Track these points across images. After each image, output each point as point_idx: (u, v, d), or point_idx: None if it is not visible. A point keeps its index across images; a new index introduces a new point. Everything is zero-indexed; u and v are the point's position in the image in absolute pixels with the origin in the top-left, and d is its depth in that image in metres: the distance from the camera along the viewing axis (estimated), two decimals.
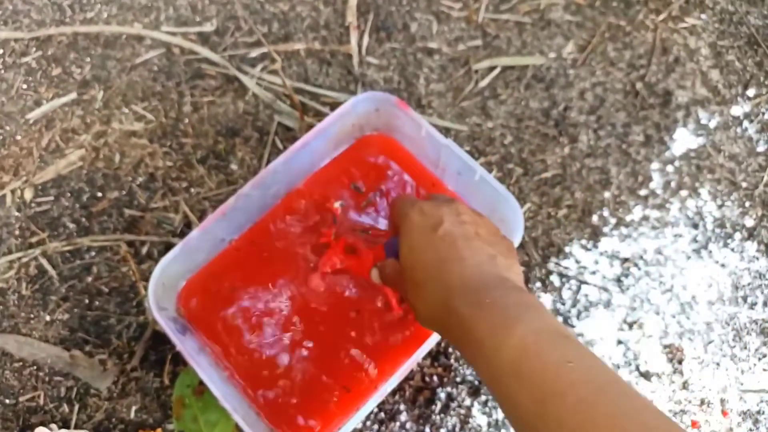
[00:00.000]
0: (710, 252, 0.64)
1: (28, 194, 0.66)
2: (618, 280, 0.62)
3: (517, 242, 0.52)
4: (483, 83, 0.71)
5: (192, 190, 0.66)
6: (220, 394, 0.48)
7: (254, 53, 0.72)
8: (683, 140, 0.69)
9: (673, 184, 0.67)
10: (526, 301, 0.37)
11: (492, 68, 0.72)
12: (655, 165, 0.68)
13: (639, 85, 0.71)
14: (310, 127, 0.66)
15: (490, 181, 0.55)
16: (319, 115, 0.69)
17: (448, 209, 0.44)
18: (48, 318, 0.61)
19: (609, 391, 0.31)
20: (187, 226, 0.64)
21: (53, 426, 0.55)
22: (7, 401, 0.57)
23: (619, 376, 0.32)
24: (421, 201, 0.46)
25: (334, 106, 0.70)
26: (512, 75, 0.72)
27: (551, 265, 0.62)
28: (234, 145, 0.68)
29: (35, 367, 0.59)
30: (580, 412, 0.30)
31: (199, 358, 0.51)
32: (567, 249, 0.63)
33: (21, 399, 0.57)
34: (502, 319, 0.35)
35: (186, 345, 0.50)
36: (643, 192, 0.67)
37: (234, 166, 0.67)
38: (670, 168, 0.68)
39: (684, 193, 0.67)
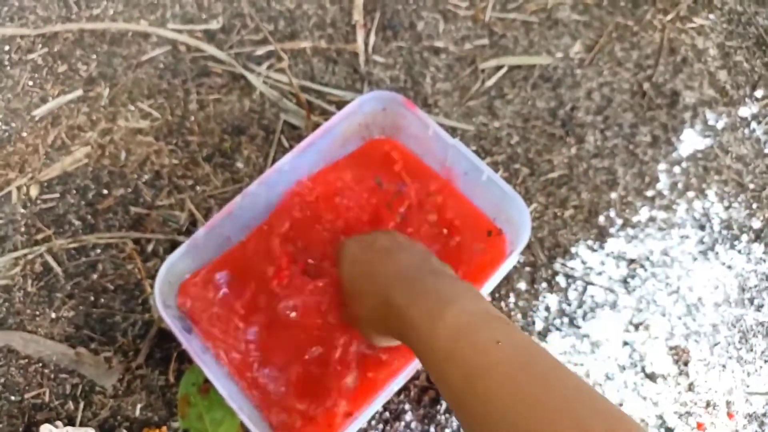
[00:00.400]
0: (717, 254, 0.64)
1: (34, 191, 0.66)
2: (624, 282, 0.62)
3: (523, 243, 0.52)
4: (489, 82, 0.71)
5: (198, 188, 0.66)
6: (226, 393, 0.48)
7: (260, 51, 0.72)
8: (690, 141, 0.68)
9: (680, 186, 0.67)
10: (459, 286, 0.39)
11: (499, 67, 0.71)
12: (662, 166, 0.68)
13: (646, 86, 0.71)
14: (317, 125, 0.66)
15: (498, 181, 0.54)
16: (325, 114, 0.69)
17: (383, 233, 0.48)
18: (53, 315, 0.61)
19: (534, 367, 0.32)
20: (193, 224, 0.64)
21: (58, 423, 0.55)
22: (13, 398, 0.58)
23: (547, 354, 0.34)
24: (357, 236, 0.51)
25: (340, 104, 0.70)
26: (519, 74, 0.71)
27: (557, 266, 0.62)
28: (240, 144, 0.68)
29: (41, 364, 0.59)
30: (506, 387, 0.31)
31: (204, 356, 0.51)
32: (573, 250, 0.63)
33: (26, 396, 0.58)
34: (436, 304, 0.37)
35: (192, 343, 0.50)
36: (650, 193, 0.66)
37: (240, 165, 0.67)
38: (677, 169, 0.68)
39: (691, 194, 0.66)
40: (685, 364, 0.60)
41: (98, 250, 0.64)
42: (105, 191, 0.66)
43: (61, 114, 0.70)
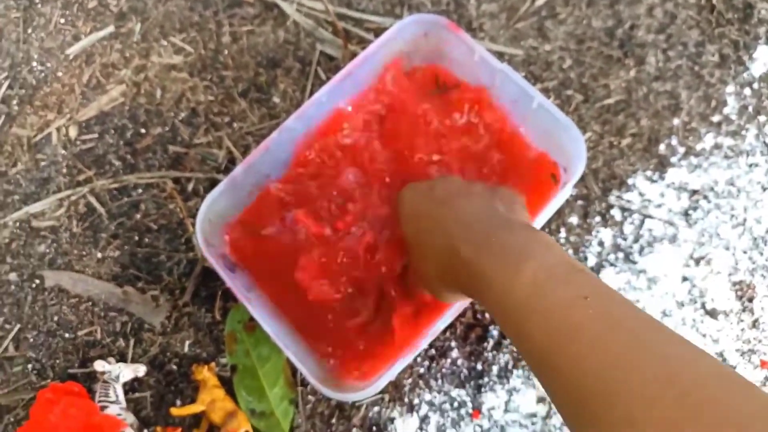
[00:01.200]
0: None
1: (73, 132, 0.66)
2: (685, 214, 0.58)
3: (578, 174, 0.48)
4: (540, 1, 0.65)
5: (234, 124, 0.64)
6: (271, 331, 0.47)
7: None
8: (765, 59, 0.62)
9: (750, 109, 0.61)
10: (535, 236, 0.36)
11: None
12: (730, 88, 0.62)
13: None
14: (354, 55, 0.63)
15: (550, 108, 0.51)
16: (363, 43, 0.65)
17: (440, 181, 0.45)
18: (99, 255, 0.61)
19: (627, 324, 0.29)
20: (231, 162, 0.63)
21: (111, 359, 0.56)
22: (67, 335, 0.59)
23: (637, 308, 0.30)
24: (415, 183, 0.48)
25: (378, 32, 0.66)
26: None
27: (612, 199, 0.59)
28: (275, 77, 0.66)
29: (90, 303, 0.60)
30: (598, 347, 0.28)
31: (249, 294, 0.50)
32: (630, 181, 0.59)
33: (79, 333, 0.59)
34: (511, 257, 0.34)
35: (235, 282, 0.49)
36: (716, 118, 0.61)
37: (276, 99, 0.65)
38: (747, 91, 0.62)
39: (762, 118, 0.61)
40: (750, 300, 0.56)
41: (140, 190, 0.63)
42: (143, 130, 0.65)
43: (94, 52, 0.69)
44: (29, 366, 0.58)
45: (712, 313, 0.56)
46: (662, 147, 0.60)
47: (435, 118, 0.55)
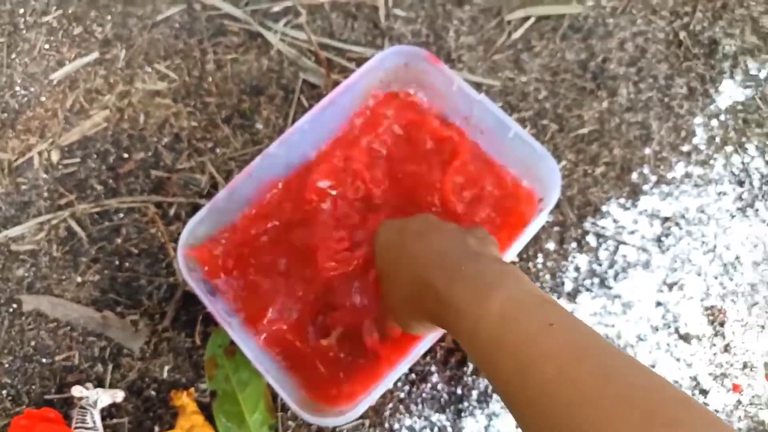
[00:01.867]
0: (756, 210, 0.61)
1: (55, 156, 0.66)
2: (658, 240, 0.60)
3: (553, 202, 0.50)
4: (516, 35, 0.67)
5: (218, 150, 0.65)
6: (251, 355, 0.47)
7: (277, 7, 0.70)
8: (730, 92, 0.65)
9: (717, 139, 0.64)
10: (505, 269, 0.37)
11: (526, 18, 0.68)
12: (698, 119, 0.64)
13: (683, 34, 0.67)
14: (336, 83, 0.64)
15: (526, 138, 0.52)
16: (345, 72, 0.67)
17: (415, 219, 0.46)
18: (79, 279, 0.61)
19: (592, 353, 0.30)
20: (214, 187, 0.63)
21: (89, 385, 0.55)
22: (44, 360, 0.58)
23: (602, 339, 0.31)
24: (393, 220, 0.48)
25: (360, 61, 0.67)
26: (547, 25, 0.68)
27: (587, 225, 0.60)
28: (259, 104, 0.67)
29: (69, 328, 0.59)
30: (562, 377, 0.28)
31: (230, 319, 0.50)
32: (604, 208, 0.61)
33: (57, 358, 0.58)
34: (480, 289, 0.35)
35: (216, 306, 0.50)
36: (685, 148, 0.63)
37: (259, 126, 0.66)
38: (714, 122, 0.64)
39: (729, 148, 0.63)
40: (721, 324, 0.58)
41: (121, 214, 0.63)
42: (125, 155, 0.66)
43: (78, 77, 0.69)
44: (3, 392, 0.58)
45: (686, 338, 0.57)
46: (635, 175, 0.62)
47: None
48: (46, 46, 0.71)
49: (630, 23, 0.68)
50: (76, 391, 0.52)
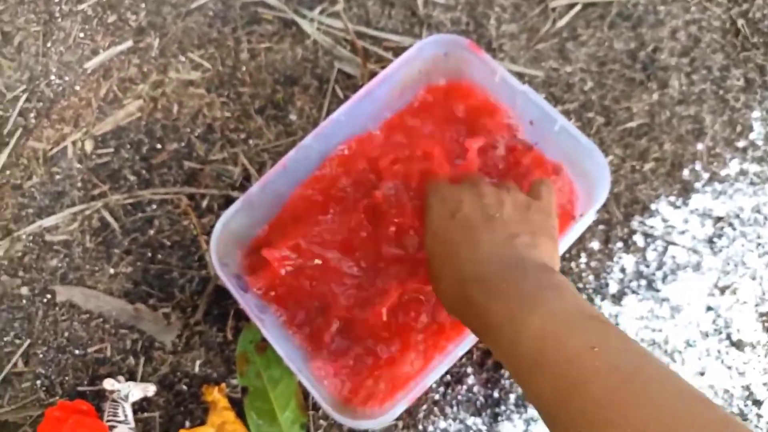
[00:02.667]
0: None
1: (89, 146, 0.66)
2: (710, 241, 0.57)
3: (602, 200, 0.47)
4: (561, 23, 0.64)
5: (251, 141, 0.64)
6: (283, 353, 0.46)
7: None
8: None
9: None
10: (547, 281, 0.35)
11: (571, 5, 0.65)
12: (756, 113, 0.60)
13: (741, 22, 0.63)
14: (373, 74, 0.62)
15: (572, 131, 0.50)
16: (382, 61, 0.65)
17: (470, 192, 0.43)
18: (112, 271, 0.61)
19: (637, 376, 0.28)
20: (247, 179, 0.62)
21: (120, 378, 0.55)
22: (77, 352, 0.58)
23: (651, 357, 0.29)
24: (444, 185, 0.45)
25: (397, 51, 0.65)
26: (594, 13, 0.65)
27: (635, 224, 0.57)
28: (293, 94, 0.65)
29: (101, 320, 0.59)
30: (605, 402, 0.27)
31: (262, 315, 0.49)
32: (653, 206, 0.58)
33: (89, 350, 0.58)
34: (519, 305, 0.33)
35: (248, 302, 0.49)
36: (741, 143, 0.60)
37: (293, 117, 0.64)
38: None
39: None
40: None
41: (154, 206, 0.63)
42: (158, 145, 0.65)
43: (112, 66, 0.69)
44: (38, 382, 0.58)
45: (738, 345, 0.54)
46: (686, 172, 0.59)
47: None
48: (81, 35, 0.70)
49: (683, 11, 0.64)
50: (108, 384, 0.52)
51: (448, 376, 0.55)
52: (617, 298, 0.55)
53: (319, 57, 0.66)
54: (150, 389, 0.54)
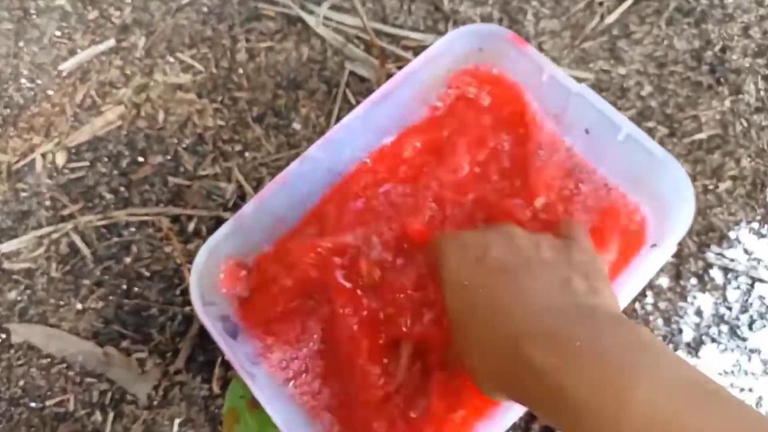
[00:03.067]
0: None
1: (61, 159, 0.57)
2: None
3: (685, 227, 0.37)
4: (610, 19, 0.55)
5: (247, 154, 0.55)
6: (280, 421, 0.36)
7: None
8: None
9: None
10: (638, 337, 0.25)
11: None
12: None
13: None
14: (390, 76, 0.53)
15: (642, 140, 0.40)
16: (400, 62, 0.56)
17: (497, 234, 0.35)
18: (80, 306, 0.51)
19: None
20: (241, 198, 0.53)
21: None
22: (33, 405, 0.48)
23: None
24: (458, 232, 0.37)
25: (418, 50, 0.56)
26: (649, 7, 0.55)
27: (711, 257, 0.47)
28: (297, 100, 0.56)
29: (65, 365, 0.49)
30: None
31: (253, 368, 0.39)
32: (732, 235, 0.48)
33: (48, 403, 0.48)
34: (611, 372, 0.24)
35: (237, 351, 0.39)
36: None
37: (297, 126, 0.55)
38: None
39: None
40: None
41: (132, 229, 0.53)
42: (140, 159, 0.56)
43: (91, 68, 0.60)
44: None
45: None
46: None
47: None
48: (58, 33, 0.61)
49: (756, 4, 0.55)
50: None
51: None
52: (693, 348, 0.45)
53: (328, 57, 0.57)
54: None
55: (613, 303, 0.31)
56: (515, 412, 0.35)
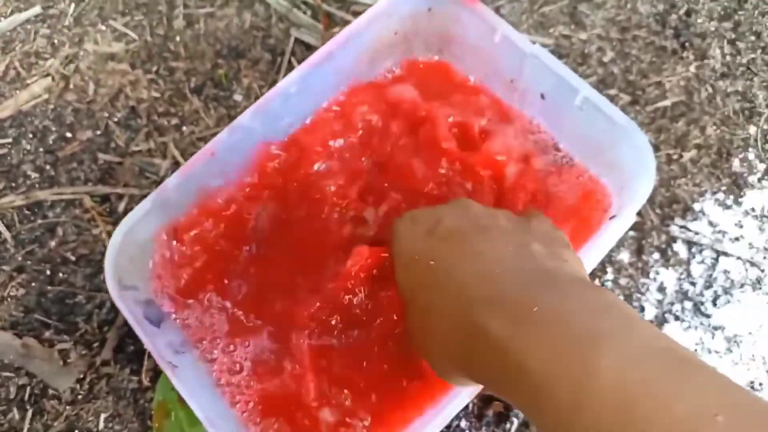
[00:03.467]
0: None
1: None
2: None
3: (644, 196, 0.35)
4: None
5: (184, 128, 0.51)
6: (203, 416, 0.33)
7: None
8: None
9: None
10: (604, 300, 0.23)
11: None
12: None
13: None
14: None
15: (601, 105, 0.37)
16: None
17: (450, 207, 0.32)
18: None
19: None
20: None
21: None
22: None
23: None
24: (413, 212, 0.34)
25: None
26: None
27: (674, 230, 0.45)
28: (238, 70, 0.52)
29: None
30: None
31: (178, 358, 0.36)
32: (697, 207, 0.45)
33: None
34: (573, 337, 0.21)
35: (158, 340, 0.35)
36: None
37: (238, 97, 0.51)
38: None
39: None
40: None
41: (57, 210, 0.49)
42: (68, 134, 0.52)
43: (15, 38, 0.55)
44: None
45: None
46: (736, 162, 0.46)
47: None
48: None
49: None
50: None
51: None
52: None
53: (272, 24, 0.53)
54: None
55: (577, 267, 0.28)
56: (460, 399, 0.32)
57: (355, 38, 0.41)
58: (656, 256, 0.44)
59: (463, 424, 0.41)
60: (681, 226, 0.44)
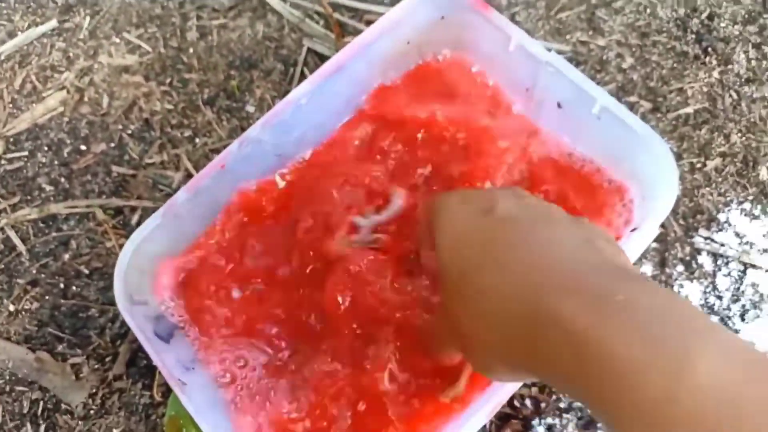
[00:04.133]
0: None
1: None
2: None
3: (667, 208, 0.33)
4: None
5: (197, 140, 0.51)
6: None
7: None
8: None
9: None
10: (685, 299, 0.23)
11: None
12: None
13: None
14: None
15: (620, 114, 0.36)
16: None
17: (503, 191, 0.30)
18: (12, 308, 0.47)
19: None
20: None
21: None
22: None
23: None
24: (460, 190, 0.33)
25: None
26: None
27: (699, 241, 0.43)
28: (251, 81, 0.52)
29: None
30: None
31: (187, 375, 0.35)
32: (722, 217, 0.44)
33: None
34: (667, 330, 0.20)
35: (167, 356, 0.34)
36: None
37: (251, 108, 0.51)
38: None
39: None
40: None
41: (71, 222, 0.49)
42: (83, 147, 0.52)
43: (31, 51, 0.55)
44: None
45: None
46: (763, 171, 0.45)
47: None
48: None
49: None
50: None
51: None
52: None
53: (285, 35, 0.53)
54: None
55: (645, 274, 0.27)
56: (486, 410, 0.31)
57: (368, 48, 0.40)
58: (680, 268, 0.42)
59: None
60: (706, 238, 0.43)
